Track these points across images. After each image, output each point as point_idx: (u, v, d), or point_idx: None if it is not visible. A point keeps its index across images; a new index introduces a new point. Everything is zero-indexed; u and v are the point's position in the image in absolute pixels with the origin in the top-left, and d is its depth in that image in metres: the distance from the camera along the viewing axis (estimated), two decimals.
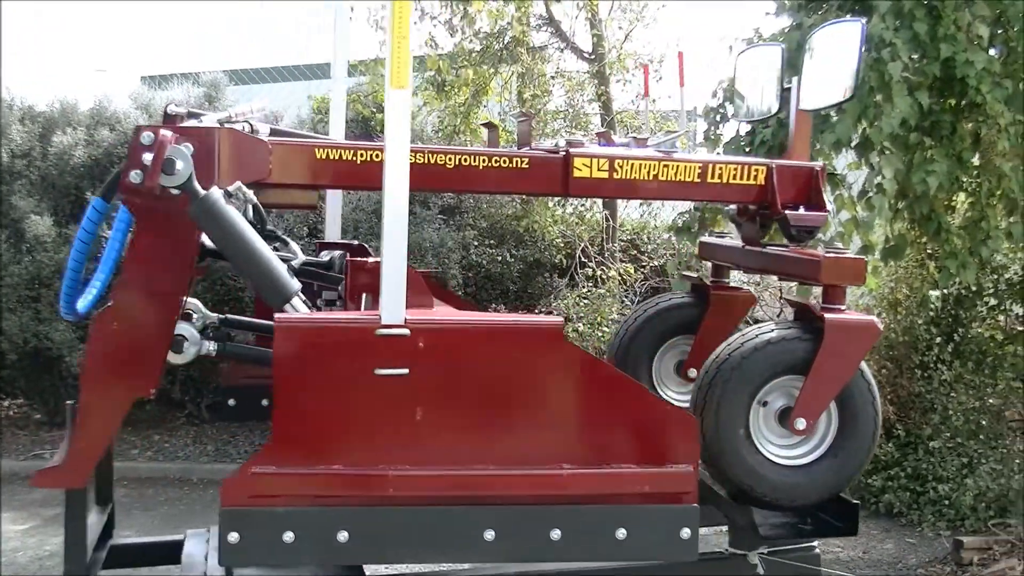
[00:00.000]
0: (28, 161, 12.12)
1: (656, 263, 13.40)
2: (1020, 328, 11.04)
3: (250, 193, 4.14)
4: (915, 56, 8.33)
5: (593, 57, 14.85)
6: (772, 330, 4.37)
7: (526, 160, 4.45)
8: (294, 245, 4.87)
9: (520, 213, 13.19)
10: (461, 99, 14.59)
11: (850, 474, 4.41)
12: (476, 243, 12.64)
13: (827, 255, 4.32)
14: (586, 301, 12.46)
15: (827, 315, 4.21)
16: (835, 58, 4.86)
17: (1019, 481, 9.71)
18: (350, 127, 13.73)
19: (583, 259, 13.26)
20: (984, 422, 10.30)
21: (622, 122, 14.22)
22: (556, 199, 13.22)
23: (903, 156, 8.49)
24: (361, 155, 4.42)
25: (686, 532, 3.76)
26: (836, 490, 4.42)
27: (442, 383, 3.77)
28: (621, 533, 3.76)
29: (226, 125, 4.35)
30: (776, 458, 4.36)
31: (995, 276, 10.93)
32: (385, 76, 3.65)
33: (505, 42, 14.87)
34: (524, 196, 12.59)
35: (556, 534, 3.75)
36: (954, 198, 9.38)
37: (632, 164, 4.48)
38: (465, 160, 4.44)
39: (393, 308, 3.72)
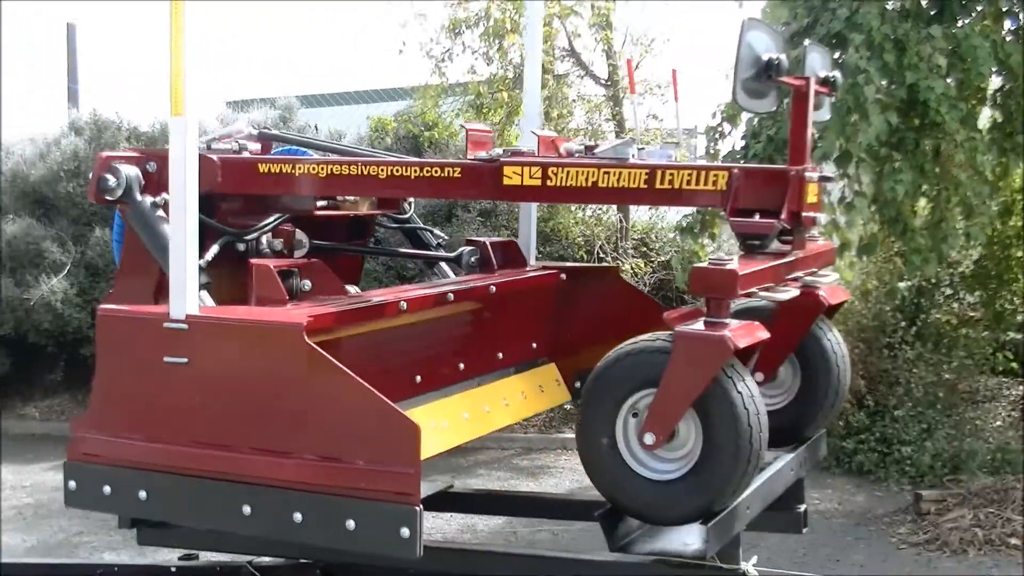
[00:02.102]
0: None
1: (663, 259, 13.42)
2: (972, 314, 11.19)
3: None
4: (885, 82, 8.41)
5: (608, 83, 14.97)
6: (639, 341, 3.67)
7: (458, 169, 4.10)
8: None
9: (547, 215, 13.22)
10: (497, 119, 14.70)
11: (711, 497, 3.53)
12: None
13: (697, 265, 3.59)
14: None
15: (678, 327, 3.49)
16: None
17: (970, 443, 9.89)
18: (401, 144, 13.97)
19: (600, 255, 13.29)
20: (941, 394, 10.45)
21: (633, 138, 14.27)
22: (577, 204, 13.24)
23: (875, 167, 8.57)
24: (299, 168, 4.28)
25: (405, 531, 3.39)
26: (700, 510, 3.55)
27: (211, 373, 3.66)
28: (351, 524, 3.47)
29: (214, 144, 4.47)
30: (644, 471, 3.59)
31: (951, 270, 11.06)
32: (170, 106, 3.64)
33: None
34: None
35: (298, 517, 3.55)
36: (918, 203, 9.44)
37: (568, 171, 3.96)
38: (397, 171, 4.15)
39: (178, 304, 3.68)
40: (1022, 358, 11.56)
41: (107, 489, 3.85)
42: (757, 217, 3.74)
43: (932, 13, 8.70)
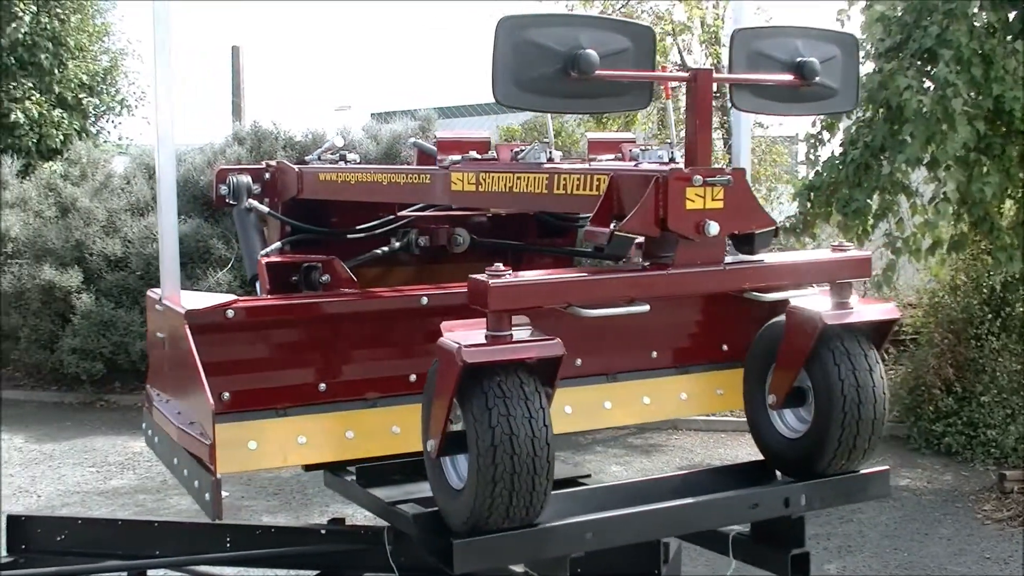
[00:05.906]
0: None
1: None
2: None
3: (260, 206, 4.54)
4: (973, 94, 8.38)
5: (717, 95, 14.92)
6: None
7: (428, 176, 3.99)
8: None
9: None
10: (615, 127, 14.79)
11: (468, 514, 2.99)
12: None
13: (472, 276, 3.01)
14: None
15: (443, 336, 2.98)
16: None
17: None
18: None
19: None
20: None
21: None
22: None
23: (964, 172, 8.52)
24: (342, 176, 4.39)
25: (207, 496, 3.42)
26: (468, 525, 3.01)
27: (169, 345, 3.91)
28: (197, 483, 3.64)
29: (322, 156, 4.72)
30: (451, 479, 3.12)
31: None
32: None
33: None
34: None
35: (185, 472, 3.79)
36: (1004, 204, 9.35)
37: (492, 177, 3.65)
38: (392, 178, 4.17)
39: (162, 291, 3.96)
40: None
41: (150, 433, 4.31)
42: (613, 224, 3.07)
43: (1018, 29, 8.61)
